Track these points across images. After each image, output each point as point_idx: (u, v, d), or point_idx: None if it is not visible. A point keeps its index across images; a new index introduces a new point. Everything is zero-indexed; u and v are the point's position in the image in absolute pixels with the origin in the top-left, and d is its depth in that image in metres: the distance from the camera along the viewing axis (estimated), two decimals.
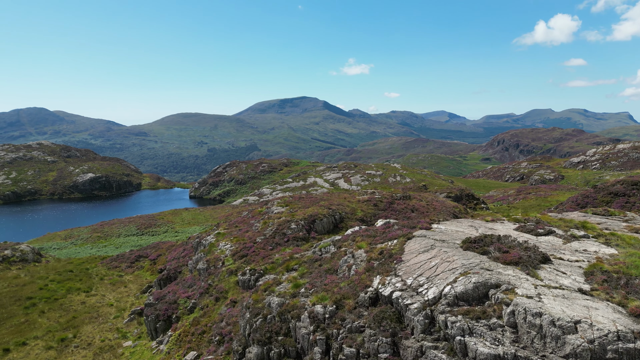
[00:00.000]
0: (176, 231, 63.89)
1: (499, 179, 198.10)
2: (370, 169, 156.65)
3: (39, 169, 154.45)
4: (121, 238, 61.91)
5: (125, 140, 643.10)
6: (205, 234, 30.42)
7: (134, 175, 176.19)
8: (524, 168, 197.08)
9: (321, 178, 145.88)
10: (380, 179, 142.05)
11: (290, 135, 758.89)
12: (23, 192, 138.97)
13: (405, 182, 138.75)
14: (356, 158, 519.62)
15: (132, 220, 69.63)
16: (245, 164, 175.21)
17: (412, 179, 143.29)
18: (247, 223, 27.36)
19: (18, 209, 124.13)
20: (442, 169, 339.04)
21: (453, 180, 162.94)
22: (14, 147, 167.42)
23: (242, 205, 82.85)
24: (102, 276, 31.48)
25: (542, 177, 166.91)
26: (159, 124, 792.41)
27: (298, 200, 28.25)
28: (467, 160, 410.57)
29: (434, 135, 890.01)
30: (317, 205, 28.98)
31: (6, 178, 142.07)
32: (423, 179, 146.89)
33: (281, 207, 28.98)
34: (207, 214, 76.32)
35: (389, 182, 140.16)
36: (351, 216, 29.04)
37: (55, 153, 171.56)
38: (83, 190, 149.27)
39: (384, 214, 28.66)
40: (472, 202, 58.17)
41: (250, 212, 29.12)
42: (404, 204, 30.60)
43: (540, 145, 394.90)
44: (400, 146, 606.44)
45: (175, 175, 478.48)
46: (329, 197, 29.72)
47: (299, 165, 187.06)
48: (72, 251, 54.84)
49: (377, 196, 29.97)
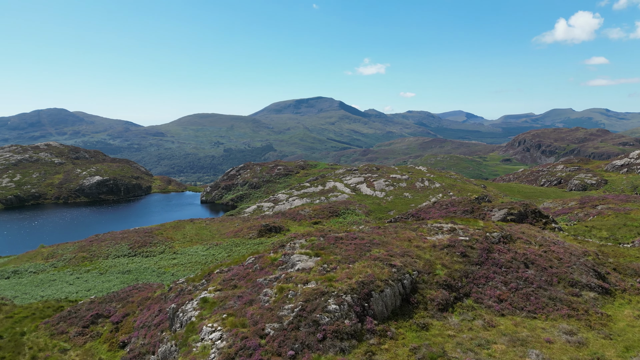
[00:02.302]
0: (174, 252, 53.58)
1: (533, 183, 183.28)
2: (394, 172, 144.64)
3: (45, 171, 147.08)
4: (109, 260, 51.86)
5: (142, 140, 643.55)
6: (187, 292, 19.80)
7: (144, 178, 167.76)
8: (560, 171, 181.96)
9: (341, 182, 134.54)
10: (406, 184, 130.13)
11: (306, 135, 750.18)
12: (26, 196, 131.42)
13: (435, 188, 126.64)
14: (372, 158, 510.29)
15: (126, 235, 59.67)
16: (259, 166, 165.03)
17: (442, 183, 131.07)
18: (252, 282, 16.84)
19: (18, 215, 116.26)
20: (462, 169, 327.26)
21: (485, 184, 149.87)
22: (21, 148, 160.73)
23: (254, 218, 72.14)
24: (36, 351, 21.35)
25: (582, 182, 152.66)
26: (176, 124, 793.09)
27: (335, 245, 17.77)
28: (487, 161, 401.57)
29: (451, 135, 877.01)
30: (369, 257, 17.47)
31: (10, 181, 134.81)
32: (453, 183, 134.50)
33: (307, 255, 17.66)
34: (213, 228, 65.90)
35: (416, 188, 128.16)
36: (428, 278, 17.48)
37: (63, 154, 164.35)
38: (89, 194, 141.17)
39: (481, 271, 17.66)
40: (540, 221, 46.21)
41: (259, 259, 18.57)
42: (507, 250, 19.34)
43: (563, 146, 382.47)
44: (417, 146, 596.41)
45: (192, 176, 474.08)
46: (382, 236, 18.81)
47: (317, 168, 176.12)
48: (41, 280, 44.85)
49: (461, 237, 18.86)
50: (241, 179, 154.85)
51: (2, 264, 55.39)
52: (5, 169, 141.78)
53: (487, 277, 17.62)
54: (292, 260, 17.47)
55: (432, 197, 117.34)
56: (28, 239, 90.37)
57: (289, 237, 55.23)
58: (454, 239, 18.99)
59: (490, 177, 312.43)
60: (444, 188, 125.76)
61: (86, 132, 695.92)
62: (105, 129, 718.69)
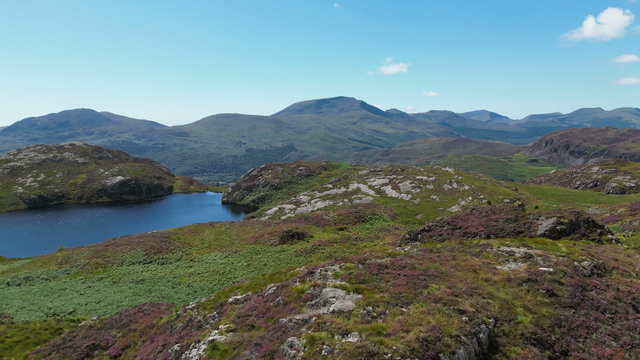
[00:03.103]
0: (191, 259, 50.40)
1: (567, 185, 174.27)
2: (420, 173, 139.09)
3: (69, 171, 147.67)
4: (123, 267, 49.07)
5: (167, 140, 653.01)
6: (195, 324, 16.26)
7: (166, 178, 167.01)
8: (596, 173, 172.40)
9: (365, 184, 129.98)
10: (433, 186, 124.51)
11: (327, 135, 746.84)
12: (50, 196, 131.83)
13: (464, 190, 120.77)
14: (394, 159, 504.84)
15: (142, 240, 56.96)
16: (281, 166, 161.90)
17: (471, 185, 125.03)
18: (273, 322, 12.94)
19: (41, 215, 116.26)
20: (486, 170, 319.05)
21: (516, 187, 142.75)
22: (46, 148, 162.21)
23: (275, 222, 68.50)
24: None
25: (620, 185, 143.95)
26: (199, 124, 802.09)
27: (378, 276, 13.61)
28: (512, 162, 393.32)
29: (474, 135, 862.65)
30: (427, 297, 13.01)
31: (34, 180, 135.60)
32: (483, 185, 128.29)
33: (344, 290, 13.74)
34: (233, 233, 62.61)
35: (444, 190, 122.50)
36: (509, 328, 13.05)
37: (86, 154, 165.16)
38: (111, 194, 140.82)
39: (578, 317, 13.08)
40: (594, 232, 40.93)
41: (282, 290, 14.76)
42: (605, 286, 14.77)
43: (592, 146, 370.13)
44: (440, 146, 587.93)
45: (215, 175, 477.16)
46: (437, 263, 14.70)
47: (339, 169, 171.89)
48: (52, 289, 42.26)
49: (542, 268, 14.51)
50: (262, 179, 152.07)
51: (16, 269, 53.45)
52: (30, 169, 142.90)
53: (589, 327, 13.07)
54: (324, 295, 13.57)
55: (462, 200, 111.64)
56: (48, 240, 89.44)
57: (313, 244, 51.39)
58: (533, 271, 14.63)
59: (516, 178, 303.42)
60: (474, 191, 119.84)
61: (112, 132, 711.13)
62: (131, 129, 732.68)
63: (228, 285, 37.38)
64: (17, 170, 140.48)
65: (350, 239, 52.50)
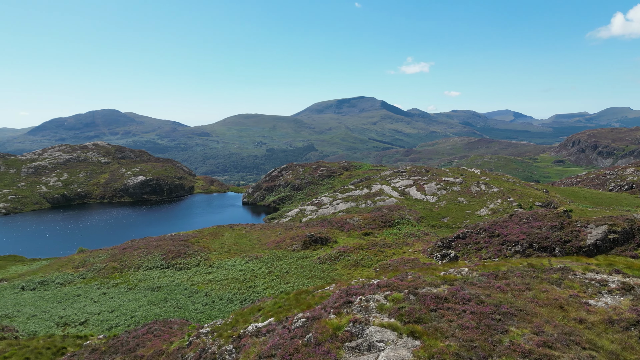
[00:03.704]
0: (210, 265, 47.97)
1: (600, 187, 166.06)
2: (446, 174, 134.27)
3: (92, 171, 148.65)
4: (140, 272, 47.04)
5: (189, 140, 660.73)
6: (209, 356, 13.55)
7: (187, 178, 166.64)
8: (631, 175, 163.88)
9: (388, 185, 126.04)
10: (460, 188, 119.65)
11: (347, 135, 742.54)
12: (73, 196, 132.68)
13: (492, 193, 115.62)
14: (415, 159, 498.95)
15: (160, 244, 54.97)
16: (302, 167, 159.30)
17: (500, 187, 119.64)
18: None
19: (63, 215, 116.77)
20: (510, 171, 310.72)
21: (547, 189, 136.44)
22: (70, 148, 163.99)
23: (297, 226, 65.58)
24: None
25: None
26: (221, 124, 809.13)
27: (437, 313, 10.19)
28: (537, 163, 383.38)
29: (498, 135, 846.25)
30: (509, 348, 9.89)
31: (57, 180, 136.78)
32: (512, 187, 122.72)
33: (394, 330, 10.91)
34: (253, 237, 60.05)
35: (471, 192, 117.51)
36: None
37: (109, 154, 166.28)
38: (133, 194, 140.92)
39: None
40: None
41: (313, 323, 11.89)
42: None
43: (621, 147, 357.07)
44: (462, 147, 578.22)
45: (236, 175, 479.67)
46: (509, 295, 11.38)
47: (361, 169, 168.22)
48: (66, 295, 40.40)
49: None
50: (283, 180, 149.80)
51: (32, 272, 52.19)
52: (54, 168, 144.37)
53: None
54: (368, 337, 10.49)
55: (490, 203, 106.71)
56: (69, 240, 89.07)
57: (337, 250, 48.31)
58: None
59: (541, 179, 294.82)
60: (503, 193, 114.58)
61: (136, 132, 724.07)
62: (154, 129, 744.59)
63: (248, 303, 34.59)
64: (41, 170, 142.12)
65: (377, 246, 49.17)
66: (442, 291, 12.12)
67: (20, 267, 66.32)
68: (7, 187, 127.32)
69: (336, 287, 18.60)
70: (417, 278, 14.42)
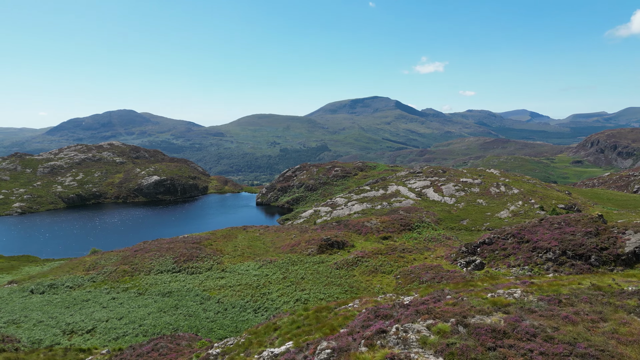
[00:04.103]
0: (223, 269, 46.23)
1: (624, 189, 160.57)
2: (464, 175, 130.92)
3: (106, 170, 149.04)
4: (150, 276, 45.55)
5: (203, 140, 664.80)
6: None
7: (201, 178, 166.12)
8: None
9: (404, 186, 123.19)
10: (479, 189, 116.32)
11: (361, 135, 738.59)
12: (87, 195, 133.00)
13: (513, 194, 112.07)
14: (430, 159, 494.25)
15: (172, 246, 53.51)
16: (316, 167, 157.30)
17: (520, 189, 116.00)
18: None
19: (78, 215, 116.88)
20: (527, 172, 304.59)
21: (569, 190, 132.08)
22: (86, 147, 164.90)
23: (313, 229, 63.51)
24: None
25: None
26: (235, 124, 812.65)
27: (497, 352, 7.54)
28: (555, 163, 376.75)
29: (514, 135, 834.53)
30: None
31: (73, 180, 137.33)
32: (533, 189, 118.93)
33: None
34: (267, 239, 58.21)
35: (490, 194, 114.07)
36: None
37: (124, 154, 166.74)
38: (147, 194, 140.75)
39: None
40: None
41: (340, 356, 10.07)
42: None
43: None
44: (477, 147, 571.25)
45: (249, 175, 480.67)
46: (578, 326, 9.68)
47: (376, 170, 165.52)
48: (74, 299, 39.02)
49: None
50: (297, 180, 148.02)
51: (43, 274, 51.20)
52: (70, 168, 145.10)
53: None
54: None
55: (511, 205, 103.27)
56: (83, 241, 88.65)
57: (355, 255, 46.08)
58: None
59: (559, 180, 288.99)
60: (524, 195, 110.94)
61: (152, 132, 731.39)
62: (169, 129, 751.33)
63: (261, 311, 32.64)
64: (57, 170, 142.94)
65: (397, 250, 46.79)
66: (498, 321, 9.93)
67: (32, 268, 65.72)
68: (23, 187, 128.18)
69: (361, 305, 16.46)
70: (459, 300, 12.23)
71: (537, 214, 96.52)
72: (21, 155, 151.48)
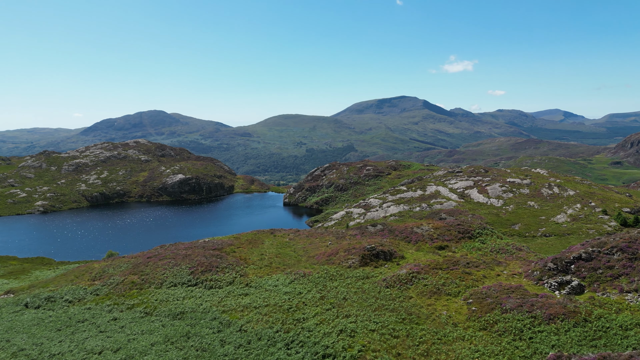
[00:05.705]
0: (247, 283, 38.40)
1: None
2: (509, 175, 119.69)
3: (131, 169, 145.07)
4: (162, 290, 38.19)
5: (231, 140, 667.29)
6: None
7: (227, 177, 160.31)
8: None
9: (444, 187, 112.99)
10: (529, 190, 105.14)
11: (388, 135, 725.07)
12: (111, 194, 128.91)
13: (568, 196, 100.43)
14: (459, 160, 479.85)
15: (189, 253, 46.17)
16: (346, 166, 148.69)
17: (575, 190, 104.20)
18: None
19: (99, 214, 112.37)
20: (563, 173, 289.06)
21: (630, 193, 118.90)
22: (112, 145, 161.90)
23: (351, 234, 54.96)
24: None
25: None
26: (262, 125, 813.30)
27: None
28: (592, 164, 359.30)
29: (546, 135, 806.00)
30: None
31: (97, 178, 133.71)
32: (590, 190, 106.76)
33: None
34: (298, 246, 50.16)
35: (542, 195, 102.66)
36: None
37: (150, 152, 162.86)
38: (171, 193, 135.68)
39: None
40: None
41: None
42: None
43: None
44: (508, 147, 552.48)
45: (276, 175, 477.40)
46: None
47: (410, 169, 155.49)
48: (69, 319, 31.92)
49: None
50: (326, 180, 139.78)
51: (45, 283, 44.80)
52: (94, 166, 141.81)
53: None
54: None
55: (568, 209, 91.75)
56: (101, 242, 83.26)
57: (408, 270, 37.38)
58: None
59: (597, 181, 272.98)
60: (581, 197, 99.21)
61: (181, 132, 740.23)
62: (198, 130, 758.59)
63: (295, 347, 24.29)
64: (82, 167, 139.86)
65: (460, 265, 37.80)
66: None
67: (43, 272, 60.13)
68: (47, 185, 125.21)
69: None
70: None
71: (600, 219, 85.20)
72: (48, 153, 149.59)
